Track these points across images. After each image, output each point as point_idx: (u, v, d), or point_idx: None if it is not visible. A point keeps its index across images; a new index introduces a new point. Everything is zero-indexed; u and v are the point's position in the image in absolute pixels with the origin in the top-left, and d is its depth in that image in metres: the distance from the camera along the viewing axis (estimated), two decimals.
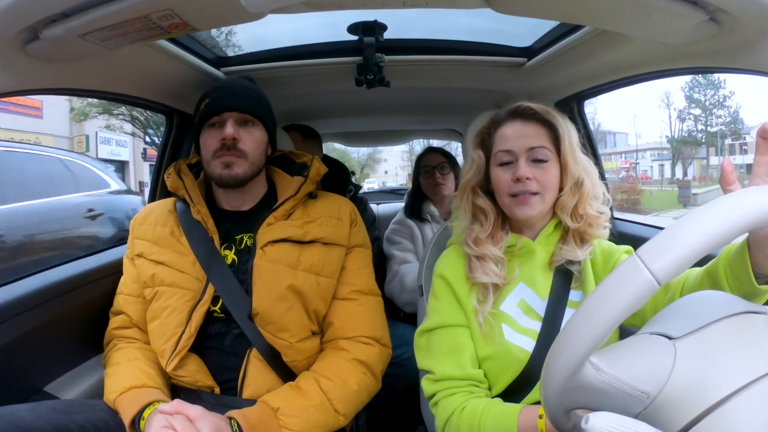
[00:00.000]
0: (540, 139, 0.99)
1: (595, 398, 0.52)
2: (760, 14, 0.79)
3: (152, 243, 1.15)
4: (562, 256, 1.01)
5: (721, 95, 28.53)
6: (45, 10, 0.82)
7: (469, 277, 1.01)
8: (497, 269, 1.00)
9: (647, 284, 0.46)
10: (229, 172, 1.11)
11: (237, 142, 1.10)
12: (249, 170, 1.13)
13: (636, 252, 0.48)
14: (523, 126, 1.01)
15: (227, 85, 1.18)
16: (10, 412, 0.86)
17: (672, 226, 0.48)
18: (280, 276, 1.08)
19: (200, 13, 0.90)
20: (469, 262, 1.02)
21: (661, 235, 0.48)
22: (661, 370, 0.51)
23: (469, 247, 1.02)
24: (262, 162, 1.18)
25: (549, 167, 0.98)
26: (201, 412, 0.90)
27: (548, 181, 0.98)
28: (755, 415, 0.45)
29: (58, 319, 1.17)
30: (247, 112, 1.13)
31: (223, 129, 1.10)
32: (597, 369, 0.51)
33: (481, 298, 1.00)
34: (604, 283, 0.49)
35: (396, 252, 2.00)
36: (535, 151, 0.98)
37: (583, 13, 0.98)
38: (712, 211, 0.48)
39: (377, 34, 1.41)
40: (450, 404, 0.96)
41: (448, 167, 2.09)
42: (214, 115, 1.12)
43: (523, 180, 0.97)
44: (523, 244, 1.03)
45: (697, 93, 28.74)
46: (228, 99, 1.13)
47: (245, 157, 1.12)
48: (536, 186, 0.97)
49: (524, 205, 0.98)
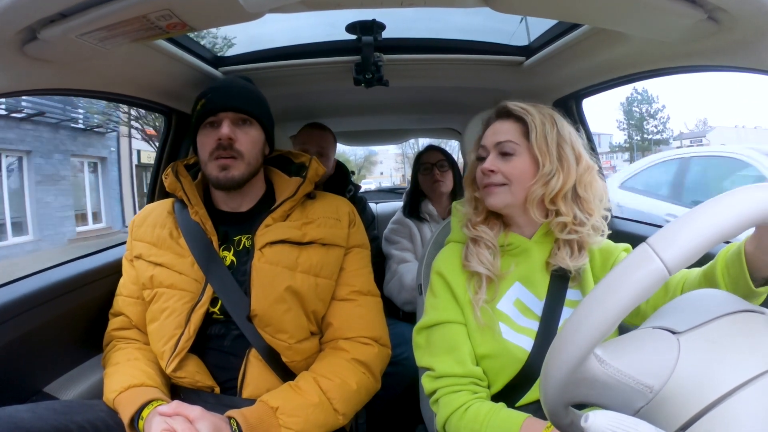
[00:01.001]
0: (508, 134, 1.02)
1: (597, 392, 0.52)
2: (758, 13, 0.79)
3: (151, 245, 1.15)
4: (556, 261, 1.01)
5: (654, 108, 31.94)
6: (43, 10, 0.82)
7: (465, 266, 1.03)
8: (491, 258, 1.02)
9: (658, 272, 0.46)
10: (226, 174, 1.10)
11: (233, 142, 1.10)
12: (246, 171, 1.12)
13: (647, 241, 0.48)
14: (500, 124, 1.05)
15: (224, 85, 1.18)
16: (10, 412, 0.86)
17: (683, 216, 0.48)
18: (278, 278, 1.08)
19: (198, 13, 0.90)
20: (465, 250, 1.05)
21: (672, 224, 0.48)
22: (664, 364, 0.51)
23: (467, 229, 1.06)
24: (260, 162, 1.17)
25: (514, 160, 1.01)
26: (200, 412, 0.90)
27: (513, 173, 1.01)
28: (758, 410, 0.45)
29: (57, 320, 1.17)
30: (243, 111, 1.13)
31: (220, 129, 1.10)
32: (601, 361, 0.51)
33: (476, 288, 1.01)
34: (614, 272, 0.49)
35: (395, 251, 2.00)
36: (501, 145, 1.02)
37: (581, 11, 0.98)
38: (724, 203, 0.48)
39: (375, 33, 1.41)
40: (452, 402, 0.96)
41: (447, 165, 2.09)
42: (210, 115, 1.12)
43: (486, 173, 1.02)
44: (519, 243, 1.04)
45: (635, 107, 32.17)
46: (224, 99, 1.13)
47: (241, 158, 1.11)
48: (501, 178, 1.01)
49: (489, 195, 1.03)
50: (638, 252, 0.48)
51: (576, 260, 1.00)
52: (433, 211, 2.07)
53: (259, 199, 1.20)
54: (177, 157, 1.64)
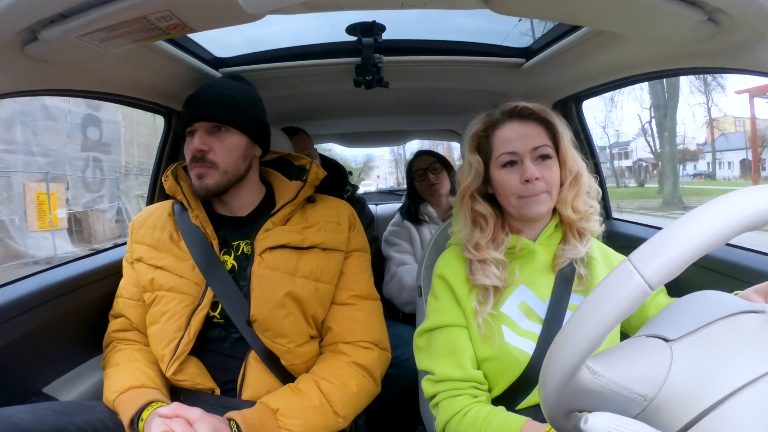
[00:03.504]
0: (541, 138, 1.00)
1: (592, 401, 0.52)
2: (758, 14, 0.79)
3: (151, 247, 1.14)
4: (565, 257, 1.01)
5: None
6: (43, 11, 0.82)
7: (470, 279, 1.01)
8: (498, 272, 1.00)
9: (639, 289, 0.46)
10: (200, 183, 1.10)
11: (205, 153, 1.09)
12: (222, 180, 1.11)
13: (629, 257, 0.48)
14: (523, 126, 1.01)
15: (198, 93, 1.15)
16: (9, 413, 0.86)
17: (664, 230, 0.48)
18: (278, 283, 1.07)
19: (198, 14, 0.90)
20: (470, 265, 1.02)
21: (653, 239, 0.48)
22: (657, 372, 0.51)
23: (469, 252, 1.02)
24: (241, 168, 1.14)
25: (552, 165, 1.00)
26: (200, 414, 0.89)
27: (553, 178, 1.00)
28: (753, 415, 0.45)
29: (57, 321, 1.17)
30: (215, 120, 1.10)
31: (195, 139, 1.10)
32: (593, 373, 0.51)
33: (481, 300, 1.00)
34: (598, 289, 0.50)
35: (394, 254, 2.00)
36: (540, 150, 0.99)
37: (581, 13, 0.98)
38: (704, 215, 0.47)
39: (376, 34, 1.41)
40: (452, 406, 0.95)
41: (440, 166, 2.09)
42: (187, 126, 1.12)
43: (532, 181, 0.97)
44: (523, 246, 1.03)
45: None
46: (196, 108, 1.11)
47: (215, 167, 1.10)
48: (544, 185, 0.98)
49: (535, 203, 0.99)
50: (620, 269, 0.48)
51: (584, 246, 1.03)
52: (432, 212, 2.07)
53: (259, 203, 1.19)
54: (176, 158, 1.63)
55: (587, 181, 1.03)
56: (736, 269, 1.14)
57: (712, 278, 1.10)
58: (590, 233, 1.04)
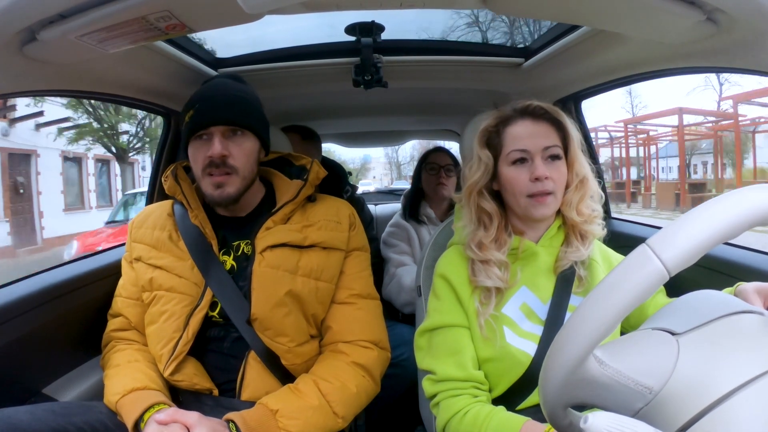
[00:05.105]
0: (552, 138, 1.00)
1: (596, 393, 0.52)
2: (757, 14, 0.79)
3: (150, 247, 1.14)
4: (567, 259, 1.01)
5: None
6: (42, 11, 0.82)
7: (472, 281, 1.01)
8: (500, 273, 1.00)
9: (657, 273, 0.46)
10: (221, 193, 1.07)
11: (226, 158, 1.06)
12: (242, 186, 1.09)
13: (646, 241, 0.48)
14: (535, 125, 1.01)
15: (212, 95, 1.10)
16: (8, 414, 0.86)
17: (683, 217, 0.48)
18: (279, 282, 1.07)
19: (198, 14, 0.90)
20: (472, 266, 1.02)
21: (672, 225, 0.47)
22: (664, 365, 0.51)
23: (472, 252, 1.02)
24: (255, 172, 1.13)
25: (561, 166, 1.00)
26: (198, 418, 0.89)
27: (561, 179, 1.00)
28: (757, 412, 0.45)
29: (56, 321, 1.17)
30: (235, 123, 1.07)
31: (210, 143, 1.05)
32: (600, 363, 0.51)
33: (483, 301, 1.00)
34: (613, 273, 0.49)
35: (392, 255, 1.99)
36: (550, 150, 0.99)
37: (580, 13, 0.98)
38: (724, 203, 0.47)
39: (375, 34, 1.41)
40: (452, 406, 0.95)
41: (453, 171, 2.08)
42: (200, 129, 1.06)
43: (542, 179, 0.97)
44: (525, 247, 1.03)
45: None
46: (214, 111, 1.06)
47: (236, 173, 1.07)
48: (552, 185, 0.98)
49: (542, 205, 0.98)
50: (637, 252, 0.47)
51: (586, 248, 1.02)
52: (431, 213, 2.06)
53: (259, 202, 1.19)
54: (176, 158, 1.63)
55: (593, 185, 1.03)
56: (736, 269, 1.14)
57: (712, 278, 1.09)
58: (593, 236, 1.04)
